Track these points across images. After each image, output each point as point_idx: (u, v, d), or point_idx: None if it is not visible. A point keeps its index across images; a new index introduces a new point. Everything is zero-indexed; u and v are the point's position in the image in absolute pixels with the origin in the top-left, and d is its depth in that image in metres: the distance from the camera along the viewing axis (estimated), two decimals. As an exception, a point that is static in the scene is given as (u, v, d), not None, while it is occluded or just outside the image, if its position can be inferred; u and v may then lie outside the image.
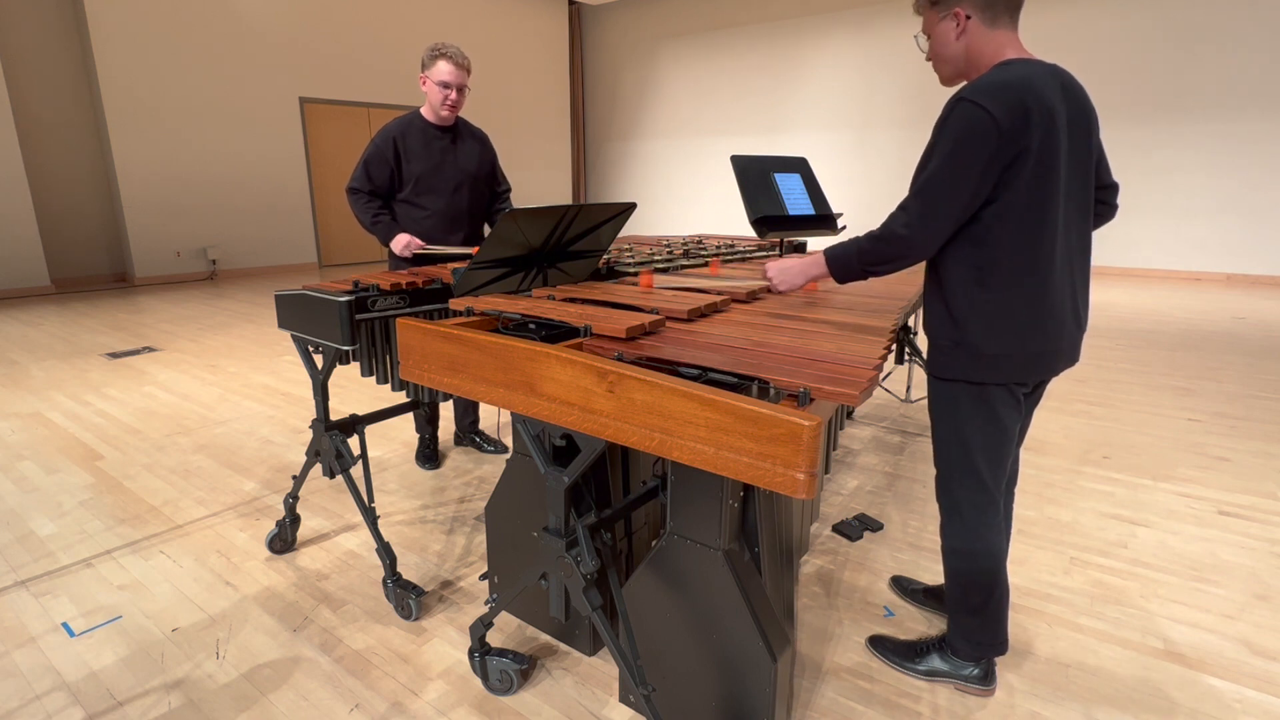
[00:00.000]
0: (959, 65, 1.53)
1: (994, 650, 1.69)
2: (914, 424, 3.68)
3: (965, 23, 1.46)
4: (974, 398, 1.53)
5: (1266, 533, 2.50)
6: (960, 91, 1.40)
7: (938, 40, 1.52)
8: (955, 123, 1.37)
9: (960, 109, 1.37)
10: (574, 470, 1.45)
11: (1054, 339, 1.50)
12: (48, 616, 2.00)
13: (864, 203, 10.52)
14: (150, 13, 7.74)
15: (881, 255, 1.48)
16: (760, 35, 11.25)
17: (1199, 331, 5.75)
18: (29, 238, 7.25)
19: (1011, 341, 1.47)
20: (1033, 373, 1.52)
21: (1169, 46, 8.26)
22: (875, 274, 1.54)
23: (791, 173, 3.13)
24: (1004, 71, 1.40)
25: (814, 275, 1.69)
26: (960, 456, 1.59)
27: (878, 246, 1.48)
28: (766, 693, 1.41)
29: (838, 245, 1.57)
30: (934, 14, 1.51)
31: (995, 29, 1.45)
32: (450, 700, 1.68)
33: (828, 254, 1.57)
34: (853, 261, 1.53)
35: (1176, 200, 8.52)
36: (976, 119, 1.35)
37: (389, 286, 2.03)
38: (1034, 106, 1.36)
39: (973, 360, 1.50)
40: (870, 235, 1.49)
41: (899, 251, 1.46)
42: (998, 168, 1.38)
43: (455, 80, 2.67)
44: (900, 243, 1.44)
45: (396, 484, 2.92)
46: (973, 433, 1.56)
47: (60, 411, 3.76)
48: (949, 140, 1.38)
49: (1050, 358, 1.51)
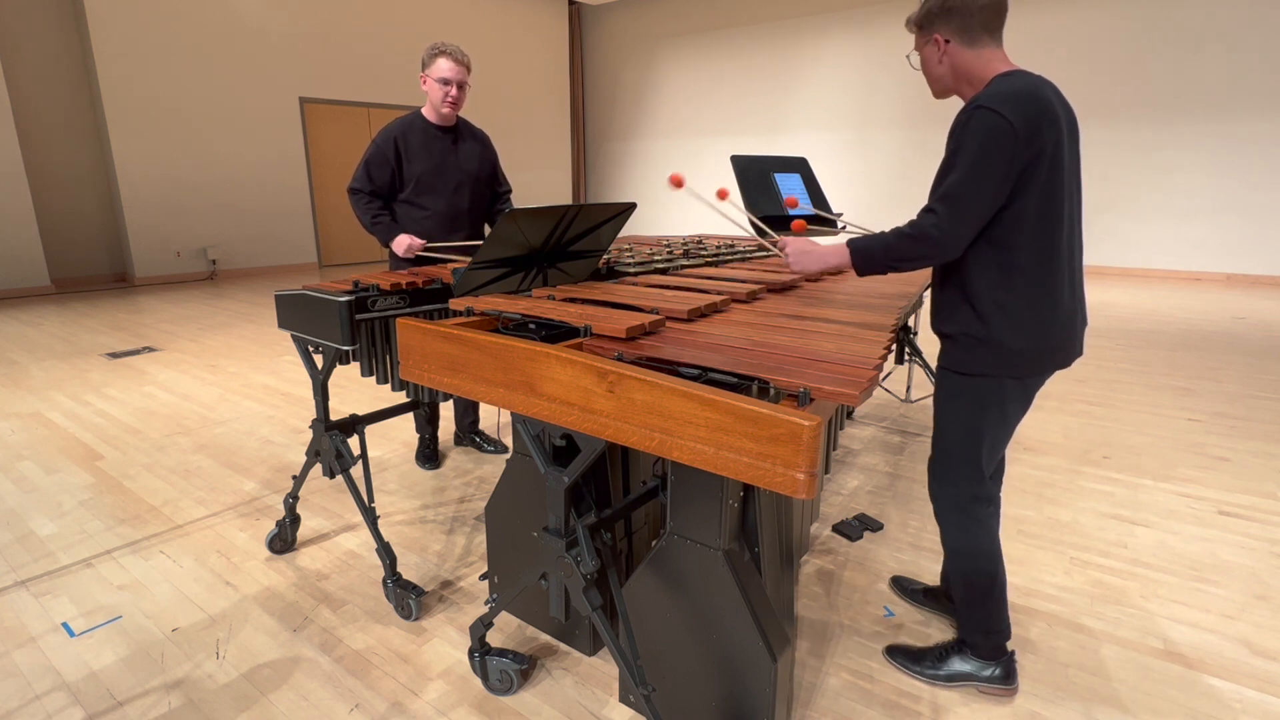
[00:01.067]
0: (947, 83, 1.60)
1: (1003, 635, 1.72)
2: (914, 424, 3.68)
3: (945, 46, 1.54)
4: (991, 392, 1.57)
5: (1266, 533, 2.50)
6: (975, 100, 1.44)
7: (924, 61, 1.62)
8: (976, 129, 1.41)
9: (979, 116, 1.41)
10: (574, 470, 1.45)
11: (1069, 333, 1.56)
12: (48, 616, 2.00)
13: (864, 203, 10.52)
14: (150, 13, 7.74)
15: (910, 252, 1.51)
16: (760, 35, 11.25)
17: (1199, 331, 5.75)
18: (29, 238, 7.25)
19: (1036, 337, 1.52)
20: (1053, 365, 1.57)
21: (1169, 46, 8.26)
22: (896, 270, 1.58)
23: (791, 173, 3.14)
24: (1011, 82, 1.45)
25: (832, 265, 1.69)
26: (968, 448, 1.63)
27: (908, 244, 1.50)
28: (766, 693, 1.41)
29: (862, 238, 1.59)
30: (920, 37, 1.60)
31: (978, 48, 1.53)
32: (450, 700, 1.69)
33: (852, 245, 1.58)
34: (878, 256, 1.55)
35: (1176, 200, 8.52)
36: (996, 125, 1.39)
37: (389, 286, 2.03)
38: (1044, 113, 1.42)
39: (998, 356, 1.54)
40: (900, 232, 1.52)
41: (929, 252, 1.50)
42: (1016, 171, 1.42)
43: (455, 76, 2.67)
44: (931, 244, 1.48)
45: (396, 484, 2.92)
46: (985, 426, 1.60)
47: (60, 411, 3.76)
48: (972, 146, 1.42)
49: (1066, 351, 1.57)
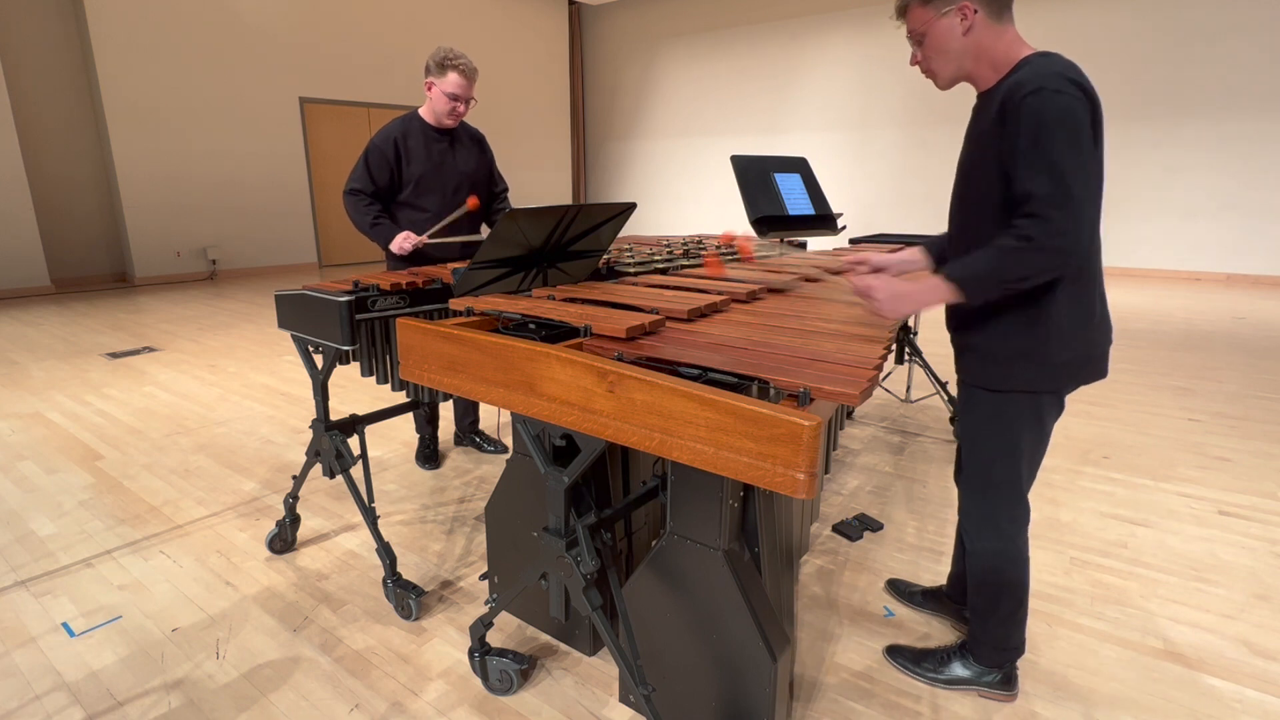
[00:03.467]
0: (964, 63, 1.44)
1: (1017, 653, 1.68)
2: (914, 424, 3.68)
3: (973, 17, 1.39)
4: (1027, 408, 1.47)
5: (1266, 533, 2.50)
6: (1033, 82, 1.28)
7: (938, 38, 1.43)
8: (1051, 112, 1.26)
9: (1044, 98, 1.26)
10: (574, 470, 1.45)
11: (1108, 338, 1.46)
12: (48, 616, 2.00)
13: (864, 203, 10.52)
14: (150, 13, 7.74)
15: (1036, 267, 1.31)
16: (760, 35, 11.25)
17: (1199, 331, 5.75)
18: (29, 238, 7.25)
19: (1082, 345, 1.42)
20: (1094, 375, 1.46)
21: (1169, 46, 8.26)
22: (1015, 290, 1.36)
23: (791, 173, 3.14)
24: (1055, 62, 1.32)
25: (931, 303, 1.45)
26: (1007, 468, 1.53)
27: (1031, 258, 1.29)
28: (766, 693, 1.41)
29: (959, 266, 1.39)
30: (929, 12, 1.43)
31: (1001, 23, 1.40)
32: (450, 700, 1.69)
33: (956, 279, 1.38)
34: (989, 281, 1.35)
35: (1176, 200, 8.52)
36: (1071, 103, 1.26)
37: (389, 286, 2.03)
38: (1096, 97, 1.31)
39: (1039, 370, 1.43)
40: (1008, 248, 1.31)
41: (1058, 262, 1.30)
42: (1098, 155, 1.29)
43: (464, 94, 2.68)
44: (1058, 253, 1.28)
45: (396, 484, 2.92)
46: (1024, 443, 1.50)
47: (60, 411, 3.76)
48: (1056, 131, 1.26)
49: (1105, 357, 1.47)
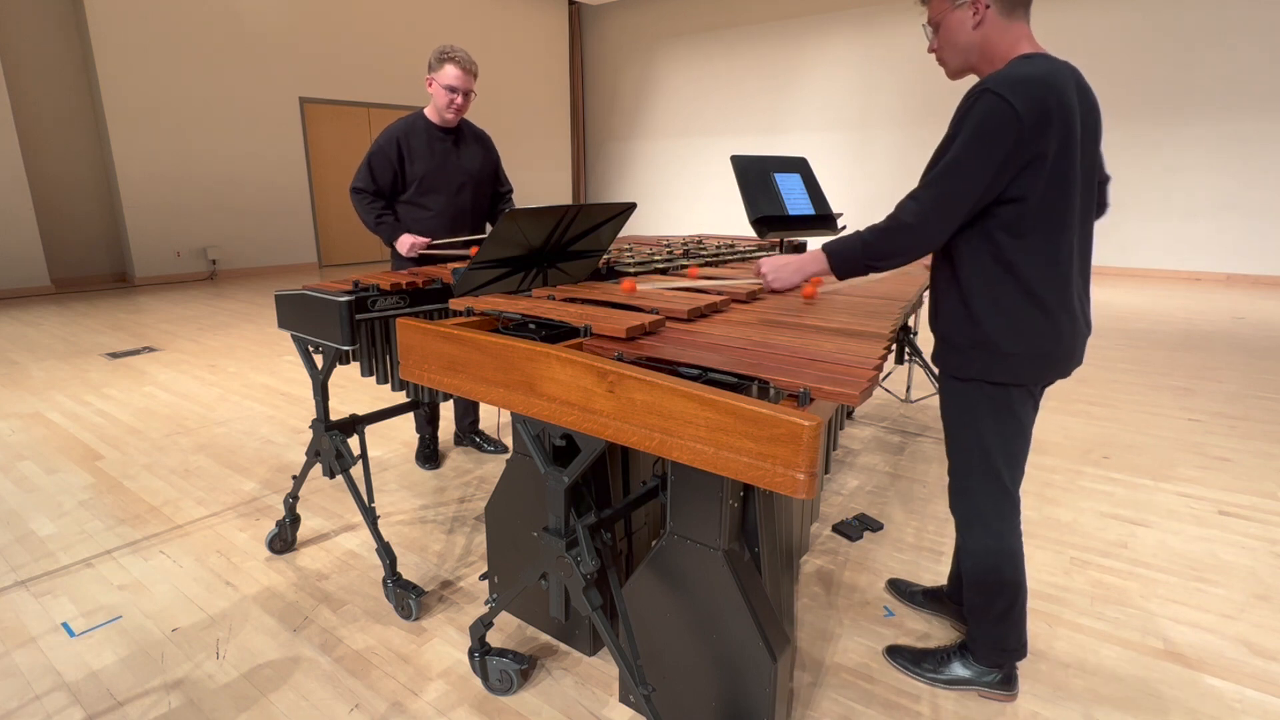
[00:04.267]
0: (970, 57, 1.47)
1: (1017, 655, 1.67)
2: (914, 424, 3.68)
3: (984, 12, 1.41)
4: (994, 398, 1.49)
5: (1266, 533, 2.50)
6: (984, 83, 1.34)
7: (950, 29, 1.46)
8: (978, 113, 1.32)
9: (984, 100, 1.32)
10: (574, 470, 1.45)
11: (1069, 340, 1.47)
12: (48, 616, 2.00)
13: (864, 203, 10.52)
14: (150, 13, 7.74)
15: (888, 248, 1.42)
16: (760, 35, 11.25)
17: (1199, 331, 5.75)
18: (29, 238, 7.25)
19: (1030, 342, 1.43)
20: (1047, 374, 1.48)
21: (1169, 46, 8.26)
22: (878, 268, 1.47)
23: (791, 173, 3.14)
24: (1027, 65, 1.34)
25: (811, 272, 1.65)
26: (981, 460, 1.54)
27: (884, 238, 1.42)
28: (766, 693, 1.41)
29: (837, 240, 1.51)
30: (945, 3, 1.45)
31: (1012, 21, 1.42)
32: (450, 700, 1.69)
33: (827, 249, 1.51)
34: (856, 255, 1.47)
35: (1176, 200, 8.52)
36: (1000, 111, 1.30)
37: (389, 286, 2.03)
38: (1055, 106, 1.32)
39: (991, 360, 1.46)
40: (874, 228, 1.43)
41: (907, 243, 1.40)
42: (1015, 165, 1.33)
43: (462, 85, 2.68)
44: (908, 233, 1.39)
45: (396, 484, 2.92)
46: (994, 435, 1.52)
47: (60, 411, 3.76)
48: (970, 130, 1.33)
49: (1064, 360, 1.48)
